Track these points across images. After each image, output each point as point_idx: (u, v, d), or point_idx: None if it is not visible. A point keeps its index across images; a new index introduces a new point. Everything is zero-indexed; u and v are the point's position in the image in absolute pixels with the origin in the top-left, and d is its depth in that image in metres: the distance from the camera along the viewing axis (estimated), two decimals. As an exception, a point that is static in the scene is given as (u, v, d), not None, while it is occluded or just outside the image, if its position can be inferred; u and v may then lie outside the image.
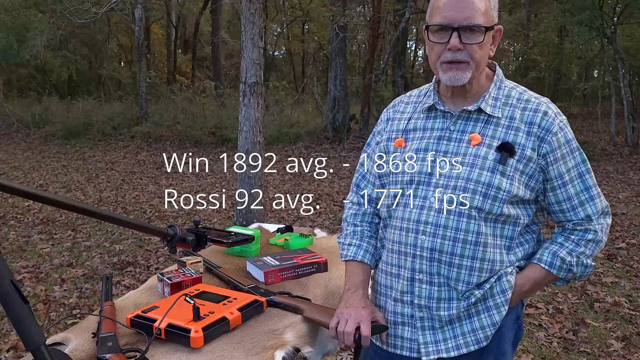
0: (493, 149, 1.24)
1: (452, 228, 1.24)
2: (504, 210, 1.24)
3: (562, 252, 1.28)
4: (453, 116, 1.30)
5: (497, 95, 1.28)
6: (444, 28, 1.20)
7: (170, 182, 8.53)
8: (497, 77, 1.31)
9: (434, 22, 1.22)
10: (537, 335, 3.21)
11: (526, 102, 1.27)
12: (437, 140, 1.29)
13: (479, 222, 1.23)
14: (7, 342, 3.13)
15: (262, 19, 4.79)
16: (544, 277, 1.29)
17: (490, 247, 1.25)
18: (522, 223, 1.28)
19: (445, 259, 1.25)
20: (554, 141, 1.23)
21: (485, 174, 1.22)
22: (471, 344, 1.29)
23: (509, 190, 1.22)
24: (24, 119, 15.07)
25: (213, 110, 13.93)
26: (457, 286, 1.26)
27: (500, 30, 1.27)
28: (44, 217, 6.16)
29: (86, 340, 1.27)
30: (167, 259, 4.67)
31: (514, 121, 1.25)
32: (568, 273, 1.29)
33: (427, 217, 1.26)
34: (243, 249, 1.91)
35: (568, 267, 1.28)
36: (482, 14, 1.19)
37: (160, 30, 24.24)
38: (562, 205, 1.28)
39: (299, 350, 1.36)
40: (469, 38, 1.19)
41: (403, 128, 1.37)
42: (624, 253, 4.74)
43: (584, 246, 1.29)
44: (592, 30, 10.85)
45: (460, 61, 1.21)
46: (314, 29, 17.64)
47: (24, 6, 15.56)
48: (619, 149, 11.03)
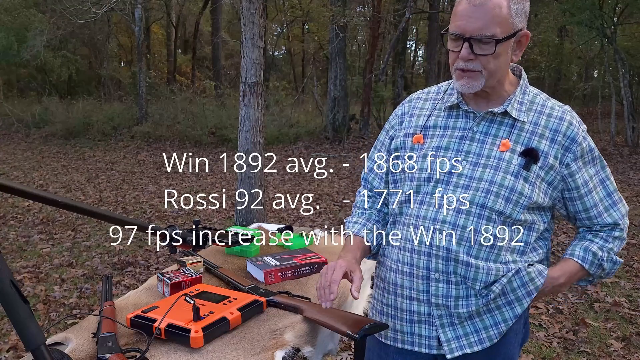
0: (517, 153, 1.23)
1: (469, 228, 1.23)
2: (522, 215, 1.24)
3: (594, 247, 1.30)
4: (477, 117, 1.28)
5: (522, 100, 1.27)
6: (457, 37, 1.19)
7: (170, 182, 8.53)
8: (523, 82, 1.30)
9: (450, 29, 1.20)
10: (537, 335, 3.21)
11: (551, 109, 1.27)
12: (459, 139, 1.28)
13: (497, 225, 1.23)
14: (7, 342, 3.13)
15: (262, 19, 4.79)
16: (577, 271, 1.31)
17: (505, 251, 1.25)
18: (538, 229, 1.29)
19: (462, 258, 1.24)
20: (579, 150, 1.25)
21: (509, 178, 1.22)
22: (494, 337, 1.29)
23: (530, 196, 1.23)
24: (24, 119, 15.08)
25: (213, 110, 13.93)
26: (475, 285, 1.25)
27: (526, 36, 1.22)
28: (44, 217, 6.16)
29: (86, 340, 1.27)
30: (167, 259, 4.67)
31: (538, 127, 1.25)
32: (598, 269, 1.30)
33: (445, 216, 1.25)
34: (243, 249, 1.91)
35: (599, 262, 1.30)
36: (498, 24, 1.15)
37: (160, 30, 24.25)
38: (589, 212, 1.30)
39: (299, 350, 1.36)
40: (480, 49, 1.17)
41: (422, 124, 1.35)
42: (624, 253, 4.74)
43: (612, 242, 1.31)
44: (592, 30, 10.85)
45: (472, 70, 1.20)
46: (314, 29, 17.64)
47: (24, 6, 15.56)
48: (619, 149, 11.03)
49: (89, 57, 20.68)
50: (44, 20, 13.97)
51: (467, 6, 1.16)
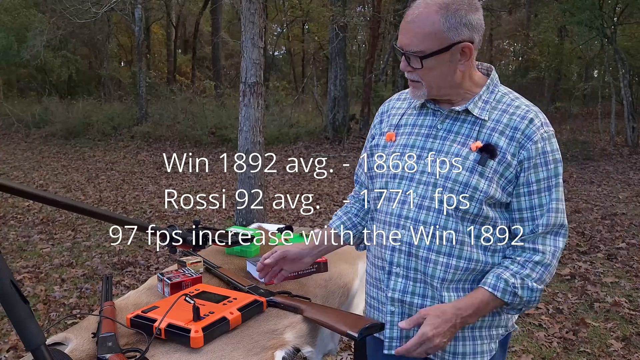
0: (476, 150, 1.25)
1: (429, 224, 1.26)
2: (482, 211, 1.24)
3: (506, 274, 1.24)
4: (442, 115, 1.32)
5: (487, 99, 1.30)
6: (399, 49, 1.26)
7: (170, 182, 8.53)
8: (491, 82, 1.32)
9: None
10: (537, 335, 3.21)
11: (516, 108, 1.27)
12: (424, 137, 1.32)
13: (455, 220, 1.25)
14: (7, 342, 3.13)
15: (262, 19, 4.79)
16: (488, 300, 1.25)
17: (467, 246, 1.26)
18: (500, 226, 1.28)
19: (421, 254, 1.27)
20: (533, 149, 1.23)
21: (464, 174, 1.24)
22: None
23: (486, 191, 1.23)
24: (24, 119, 15.08)
25: (213, 110, 13.93)
26: (433, 282, 1.27)
27: (468, 47, 1.21)
28: (44, 217, 6.16)
29: (86, 340, 1.27)
30: (167, 259, 4.67)
31: (499, 124, 1.26)
32: (514, 297, 1.24)
33: (407, 212, 1.29)
34: (243, 249, 1.91)
35: (512, 289, 1.23)
36: (425, 39, 1.19)
37: (160, 30, 24.25)
38: (522, 213, 1.26)
39: (299, 350, 1.36)
40: (413, 62, 1.24)
41: (396, 123, 1.40)
42: (624, 253, 4.74)
43: (530, 269, 1.25)
44: (592, 30, 10.86)
45: (414, 80, 1.27)
46: (314, 29, 17.64)
47: (24, 6, 15.57)
48: (619, 149, 11.03)
49: (89, 57, 20.69)
50: (44, 20, 13.97)
51: (403, 22, 1.23)
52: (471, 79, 1.30)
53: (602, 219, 5.93)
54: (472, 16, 1.21)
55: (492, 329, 1.33)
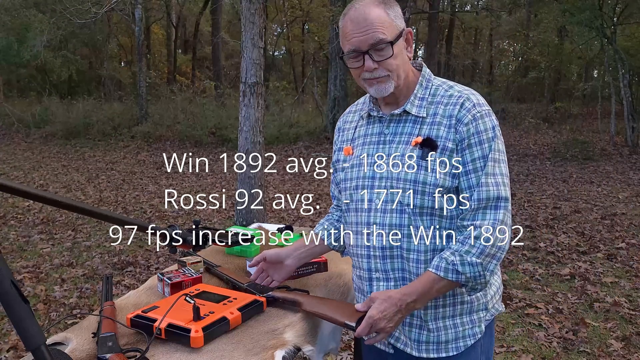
0: (417, 145, 1.29)
1: (395, 225, 1.30)
2: (436, 203, 1.27)
3: (447, 253, 1.26)
4: (386, 120, 1.36)
5: (423, 95, 1.33)
6: (355, 53, 1.27)
7: (170, 182, 8.54)
8: (423, 78, 1.36)
9: (346, 50, 1.29)
10: (537, 335, 3.21)
11: (449, 97, 1.30)
12: (375, 144, 1.37)
13: (415, 217, 1.28)
14: (7, 342, 3.13)
15: (262, 19, 4.79)
16: (434, 282, 1.25)
17: (431, 239, 1.29)
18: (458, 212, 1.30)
19: (396, 253, 1.31)
20: (464, 131, 1.26)
21: (411, 172, 1.28)
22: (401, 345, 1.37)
23: (435, 183, 1.26)
24: (24, 119, 15.08)
25: (213, 110, 13.94)
26: (411, 278, 1.31)
27: (409, 32, 1.31)
28: (44, 217, 6.17)
29: (86, 340, 1.27)
30: (167, 259, 4.67)
31: (436, 117, 1.29)
32: (457, 275, 1.24)
33: (374, 218, 1.33)
34: (243, 249, 1.91)
35: (452, 267, 1.23)
36: (385, 28, 1.25)
37: (160, 30, 24.25)
38: (464, 192, 1.28)
39: (299, 350, 1.36)
40: (380, 55, 1.26)
41: (351, 137, 1.45)
42: (624, 253, 4.74)
43: (470, 245, 1.24)
44: (592, 30, 10.86)
45: (379, 77, 1.28)
46: (314, 29, 17.65)
47: (24, 6, 15.58)
48: (618, 149, 11.04)
49: (89, 57, 20.69)
50: (44, 20, 13.97)
51: (352, 24, 1.26)
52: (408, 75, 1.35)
53: (602, 219, 5.93)
54: (398, 9, 1.32)
55: (473, 314, 1.34)
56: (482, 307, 1.36)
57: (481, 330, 1.35)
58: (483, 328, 1.36)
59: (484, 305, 1.36)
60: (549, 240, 5.15)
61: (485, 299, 1.36)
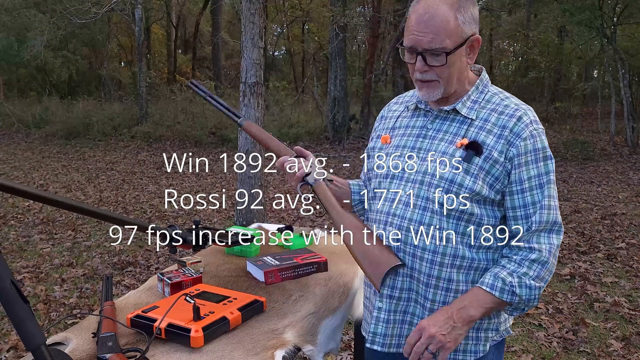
0: (461, 147, 1.27)
1: (415, 221, 1.28)
2: (467, 208, 1.25)
3: (503, 273, 1.24)
4: (432, 115, 1.35)
5: (476, 99, 1.31)
6: (411, 49, 1.24)
7: (170, 182, 8.54)
8: (481, 82, 1.33)
9: (404, 42, 1.25)
10: (537, 335, 3.21)
11: (505, 107, 1.28)
12: (415, 137, 1.35)
13: (440, 217, 1.26)
14: (7, 342, 3.13)
15: (262, 19, 4.79)
16: (488, 300, 1.23)
17: (453, 243, 1.27)
18: (487, 223, 1.28)
19: (409, 250, 1.29)
20: (522, 146, 1.23)
21: (449, 171, 1.26)
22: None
23: (472, 188, 1.24)
24: (24, 119, 15.08)
25: (213, 110, 13.92)
26: (420, 277, 1.29)
27: (477, 40, 1.26)
28: (44, 217, 6.17)
29: (86, 340, 1.27)
30: (167, 259, 4.67)
31: (487, 123, 1.27)
32: (512, 296, 1.22)
33: (396, 209, 1.31)
34: (243, 249, 1.91)
35: (510, 288, 1.22)
36: (447, 36, 1.20)
37: (160, 30, 24.24)
38: (516, 211, 1.26)
39: (299, 349, 1.36)
40: (433, 60, 1.22)
41: (391, 126, 1.44)
42: (624, 253, 4.74)
43: (527, 267, 1.23)
44: (592, 30, 10.85)
45: (429, 80, 1.25)
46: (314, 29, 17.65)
47: (24, 6, 15.57)
48: (618, 149, 11.03)
49: (89, 57, 20.69)
50: (44, 20, 13.96)
51: (417, 20, 1.21)
52: (465, 79, 1.31)
53: (602, 219, 5.93)
54: (475, 10, 1.25)
55: (481, 331, 1.32)
56: (492, 327, 1.34)
57: (484, 350, 1.33)
58: (487, 348, 1.34)
59: (495, 326, 1.34)
60: (549, 240, 5.15)
61: (498, 321, 1.35)
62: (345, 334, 3.08)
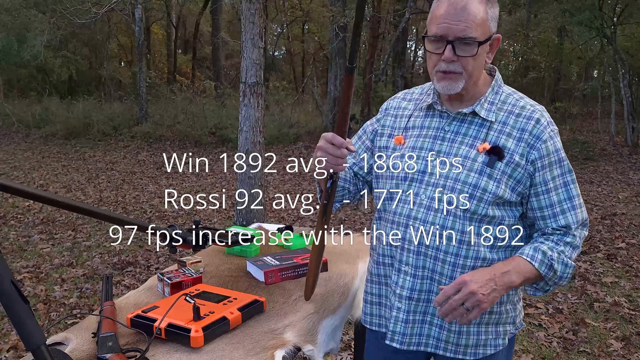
0: (483, 152, 1.27)
1: (438, 225, 1.28)
2: (489, 211, 1.27)
3: (543, 247, 1.25)
4: (449, 117, 1.33)
5: (493, 100, 1.31)
6: (439, 39, 1.22)
7: (170, 182, 8.54)
8: (496, 83, 1.34)
9: (431, 32, 1.24)
10: (537, 335, 3.21)
11: (521, 108, 1.29)
12: (432, 139, 1.33)
13: (463, 221, 1.27)
14: (7, 342, 3.13)
15: (262, 19, 4.79)
16: (527, 270, 1.23)
17: (474, 246, 1.28)
18: (507, 224, 1.30)
19: (430, 253, 1.30)
20: (543, 149, 1.25)
21: (473, 176, 1.26)
22: (431, 347, 1.35)
23: (495, 192, 1.25)
24: (24, 119, 15.07)
25: (213, 110, 13.93)
26: (442, 280, 1.30)
27: (498, 39, 1.28)
28: (44, 217, 6.16)
29: (86, 340, 1.27)
30: (167, 259, 4.67)
31: (506, 126, 1.28)
32: (549, 269, 1.24)
33: (417, 213, 1.31)
34: (243, 249, 1.91)
35: (549, 261, 1.23)
36: (478, 26, 1.20)
37: (160, 30, 24.24)
38: (544, 211, 1.28)
39: (299, 349, 1.36)
40: (463, 50, 1.21)
41: (404, 126, 1.41)
42: (624, 253, 4.74)
43: (564, 246, 1.27)
44: (592, 30, 10.85)
45: (453, 72, 1.24)
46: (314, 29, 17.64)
47: (24, 6, 15.56)
48: (618, 149, 11.03)
49: (89, 57, 20.67)
50: (44, 20, 13.95)
51: (449, 9, 1.20)
52: (480, 79, 1.32)
53: (602, 219, 5.93)
54: (497, 10, 1.27)
55: (500, 325, 1.34)
56: (510, 321, 1.36)
57: (504, 343, 1.36)
58: (507, 341, 1.36)
59: (512, 319, 1.36)
60: (549, 240, 5.15)
61: (515, 313, 1.37)
62: (345, 334, 3.08)
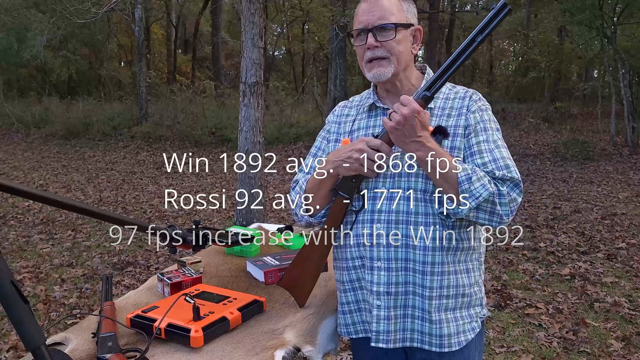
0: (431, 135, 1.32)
1: (402, 212, 1.32)
2: None
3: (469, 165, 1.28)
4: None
5: None
6: (361, 32, 1.36)
7: (170, 182, 8.54)
8: (428, 76, 1.42)
9: (354, 28, 1.38)
10: (537, 335, 3.21)
11: (455, 93, 1.40)
12: None
13: (422, 203, 1.32)
14: (7, 342, 3.13)
15: (262, 19, 4.79)
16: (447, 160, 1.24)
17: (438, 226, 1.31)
18: None
19: (399, 241, 1.33)
20: (471, 118, 1.34)
21: None
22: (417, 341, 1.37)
23: None
24: (24, 119, 15.07)
25: (213, 110, 13.93)
26: (416, 267, 1.33)
27: (419, 31, 1.39)
28: (44, 217, 6.17)
29: (86, 340, 1.27)
30: (167, 259, 4.67)
31: (445, 110, 1.37)
32: (467, 180, 1.23)
33: (380, 205, 1.34)
34: (243, 249, 1.91)
35: (469, 174, 1.23)
36: (393, 14, 1.33)
37: (160, 30, 24.25)
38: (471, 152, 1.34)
39: (299, 350, 1.36)
40: (383, 36, 1.33)
41: (349, 130, 1.47)
42: (624, 253, 4.74)
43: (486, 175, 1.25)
44: (592, 30, 10.85)
45: (380, 57, 1.34)
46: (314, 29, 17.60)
47: (24, 6, 15.57)
48: (618, 149, 11.03)
49: (89, 57, 20.68)
50: (44, 20, 13.96)
51: (365, 6, 1.36)
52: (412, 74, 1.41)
53: (602, 219, 5.93)
54: (414, 8, 1.40)
55: (471, 308, 1.39)
56: (478, 303, 1.41)
57: (478, 325, 1.41)
58: (480, 324, 1.42)
59: (480, 301, 1.42)
60: (549, 240, 5.15)
61: (481, 295, 1.43)
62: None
